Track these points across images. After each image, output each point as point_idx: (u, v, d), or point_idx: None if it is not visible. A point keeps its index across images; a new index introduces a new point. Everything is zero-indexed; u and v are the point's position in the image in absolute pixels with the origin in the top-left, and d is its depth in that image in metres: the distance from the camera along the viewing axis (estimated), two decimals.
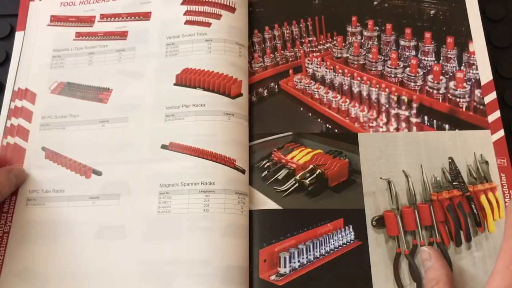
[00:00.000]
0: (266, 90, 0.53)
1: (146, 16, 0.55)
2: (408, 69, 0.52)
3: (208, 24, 0.52)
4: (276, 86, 0.53)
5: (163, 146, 0.48)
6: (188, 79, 0.50)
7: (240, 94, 0.50)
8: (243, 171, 0.47)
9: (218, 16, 0.53)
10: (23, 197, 0.48)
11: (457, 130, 0.49)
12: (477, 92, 0.50)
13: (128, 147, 0.49)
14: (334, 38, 0.55)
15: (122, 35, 0.54)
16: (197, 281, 0.42)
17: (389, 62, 0.53)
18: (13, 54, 0.54)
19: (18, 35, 0.55)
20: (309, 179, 0.48)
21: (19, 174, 0.48)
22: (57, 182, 0.48)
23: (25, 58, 0.54)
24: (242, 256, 0.44)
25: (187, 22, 0.53)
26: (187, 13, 0.54)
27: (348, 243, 0.45)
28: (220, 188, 0.45)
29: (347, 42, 0.54)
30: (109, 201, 0.47)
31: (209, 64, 0.50)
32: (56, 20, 0.56)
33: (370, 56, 0.53)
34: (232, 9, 0.53)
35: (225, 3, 0.54)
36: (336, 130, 0.50)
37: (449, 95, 0.51)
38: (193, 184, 0.46)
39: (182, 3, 0.54)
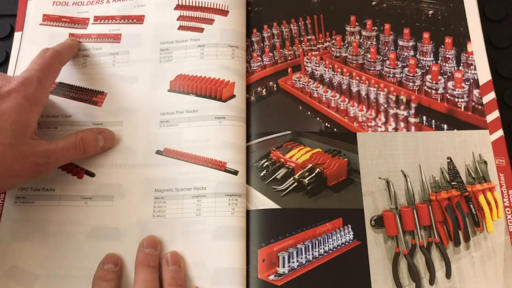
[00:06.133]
0: (264, 89, 0.52)
1: (139, 19, 0.54)
2: (406, 69, 0.52)
3: (201, 30, 0.53)
4: (274, 85, 0.53)
5: (158, 152, 0.48)
6: (181, 85, 0.50)
7: (233, 96, 0.50)
8: (235, 173, 0.47)
9: (210, 21, 0.53)
10: (11, 195, 0.47)
11: (455, 130, 0.49)
12: (476, 92, 0.50)
13: (123, 151, 0.48)
14: (333, 37, 0.55)
15: (116, 37, 0.54)
16: (189, 283, 0.43)
17: (387, 62, 0.53)
18: (12, 55, 0.53)
19: (17, 35, 0.55)
20: (308, 178, 0.47)
21: (109, 138, 0.48)
22: (47, 181, 0.48)
23: (22, 59, 0.53)
24: (235, 257, 0.43)
25: (180, 28, 0.53)
26: (180, 18, 0.54)
27: (347, 243, 0.45)
28: (211, 192, 0.46)
29: (345, 42, 0.54)
30: (102, 202, 0.46)
31: (202, 69, 0.51)
32: (49, 19, 0.55)
33: (369, 55, 0.53)
34: (224, 13, 0.53)
35: (217, 7, 0.54)
36: (335, 129, 0.50)
37: (447, 95, 0.51)
38: (186, 189, 0.46)
39: (175, 8, 0.54)
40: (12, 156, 0.39)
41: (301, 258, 0.44)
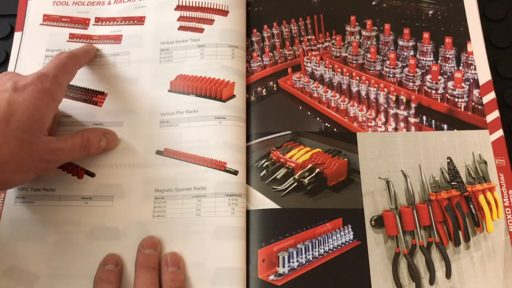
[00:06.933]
0: (264, 89, 0.52)
1: (140, 20, 0.54)
2: (406, 69, 0.52)
3: (201, 30, 0.53)
4: (274, 85, 0.53)
5: (158, 152, 0.48)
6: (182, 85, 0.50)
7: (233, 96, 0.50)
8: (235, 173, 0.47)
9: (210, 22, 0.53)
10: (11, 195, 0.47)
11: (455, 130, 0.49)
12: (476, 92, 0.50)
13: (123, 151, 0.48)
14: (333, 37, 0.55)
15: (117, 39, 0.54)
16: (188, 283, 0.43)
17: (387, 62, 0.53)
18: (12, 55, 0.53)
19: (17, 35, 0.55)
20: (308, 178, 0.47)
21: (111, 139, 0.48)
22: (47, 181, 0.48)
23: (22, 59, 0.53)
24: (235, 257, 0.43)
25: (181, 28, 0.53)
26: (180, 18, 0.54)
27: (347, 243, 0.45)
28: (211, 192, 0.46)
29: (345, 42, 0.54)
30: (102, 202, 0.46)
31: (202, 69, 0.51)
32: (49, 19, 0.55)
33: (369, 55, 0.53)
34: (225, 13, 0.53)
35: (217, 7, 0.54)
36: (335, 129, 0.50)
37: (447, 95, 0.51)
38: (186, 189, 0.46)
39: (176, 9, 0.54)
40: (27, 152, 0.39)
41: (301, 258, 0.44)
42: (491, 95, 0.50)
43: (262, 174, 0.48)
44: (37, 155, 0.40)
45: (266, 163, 0.49)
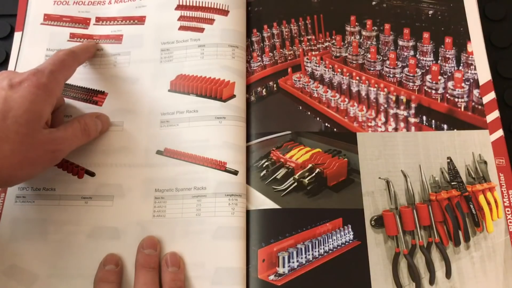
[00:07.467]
0: (264, 89, 0.52)
1: (141, 20, 0.54)
2: (406, 69, 0.52)
3: (201, 30, 0.53)
4: (275, 85, 0.53)
5: (158, 152, 0.48)
6: (182, 85, 0.50)
7: (233, 96, 0.50)
8: (235, 173, 0.47)
9: (211, 21, 0.53)
10: (12, 194, 0.47)
11: (455, 130, 0.49)
12: (476, 92, 0.50)
13: (123, 151, 0.48)
14: (333, 37, 0.55)
15: (117, 38, 0.54)
16: (188, 283, 0.43)
17: (387, 62, 0.53)
18: (11, 56, 0.53)
19: (17, 35, 0.54)
20: (308, 178, 0.47)
21: (105, 121, 0.49)
22: (48, 180, 0.48)
23: (22, 59, 0.53)
24: (235, 257, 0.43)
25: (181, 28, 0.53)
26: (181, 18, 0.54)
27: (347, 243, 0.45)
28: (211, 192, 0.46)
29: (345, 42, 0.54)
30: (102, 202, 0.46)
31: (202, 69, 0.51)
32: (50, 19, 0.55)
33: (369, 55, 0.53)
34: (225, 13, 0.53)
35: (218, 7, 0.54)
36: (335, 129, 0.50)
37: (447, 95, 0.51)
38: (186, 189, 0.46)
39: (176, 8, 0.54)
40: (28, 145, 0.39)
41: (301, 258, 0.44)
42: (491, 95, 0.50)
43: (262, 174, 0.48)
44: (40, 147, 0.40)
45: (266, 163, 0.49)
